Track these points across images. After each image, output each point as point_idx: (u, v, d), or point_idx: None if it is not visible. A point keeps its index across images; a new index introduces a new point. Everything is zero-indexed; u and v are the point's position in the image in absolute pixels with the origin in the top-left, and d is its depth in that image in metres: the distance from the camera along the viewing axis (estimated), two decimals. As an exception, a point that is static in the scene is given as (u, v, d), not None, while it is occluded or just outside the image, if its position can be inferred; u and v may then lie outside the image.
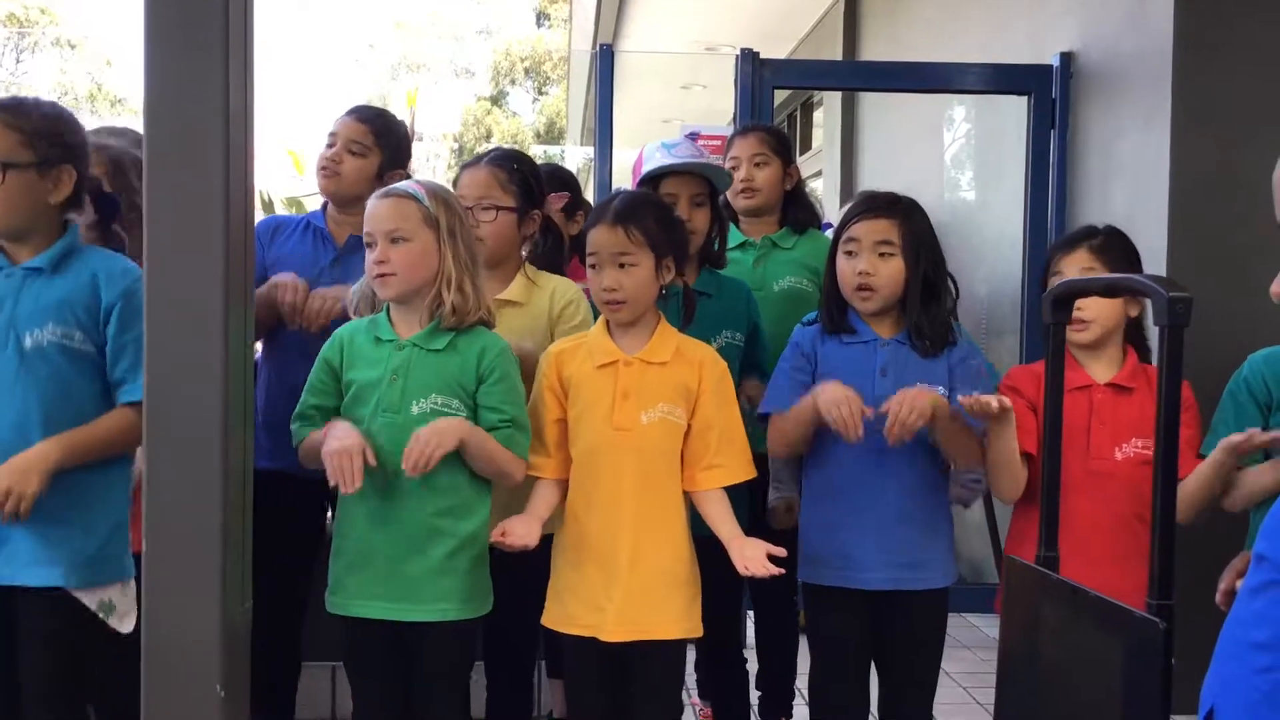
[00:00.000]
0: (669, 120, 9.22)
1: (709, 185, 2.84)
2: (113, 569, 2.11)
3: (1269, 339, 2.46)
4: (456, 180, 2.73)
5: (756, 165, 3.19)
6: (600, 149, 5.03)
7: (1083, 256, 2.52)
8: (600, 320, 2.44)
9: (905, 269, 2.48)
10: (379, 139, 2.82)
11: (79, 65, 28.39)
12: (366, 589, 2.28)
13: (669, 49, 9.17)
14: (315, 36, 31.54)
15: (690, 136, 4.88)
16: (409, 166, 2.93)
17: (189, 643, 1.65)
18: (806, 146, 9.06)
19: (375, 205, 2.33)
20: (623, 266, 2.34)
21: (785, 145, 3.29)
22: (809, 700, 2.61)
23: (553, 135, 27.02)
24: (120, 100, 27.42)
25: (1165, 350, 1.74)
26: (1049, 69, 4.49)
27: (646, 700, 2.36)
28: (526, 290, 2.65)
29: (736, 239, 3.16)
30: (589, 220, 2.49)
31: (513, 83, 30.71)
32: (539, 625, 2.42)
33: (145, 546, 1.65)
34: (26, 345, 2.03)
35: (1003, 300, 5.06)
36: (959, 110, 5.90)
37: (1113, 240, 2.57)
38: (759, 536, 2.59)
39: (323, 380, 2.35)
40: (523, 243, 2.72)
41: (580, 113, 13.38)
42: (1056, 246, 2.66)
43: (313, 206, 3.00)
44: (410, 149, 2.97)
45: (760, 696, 3.22)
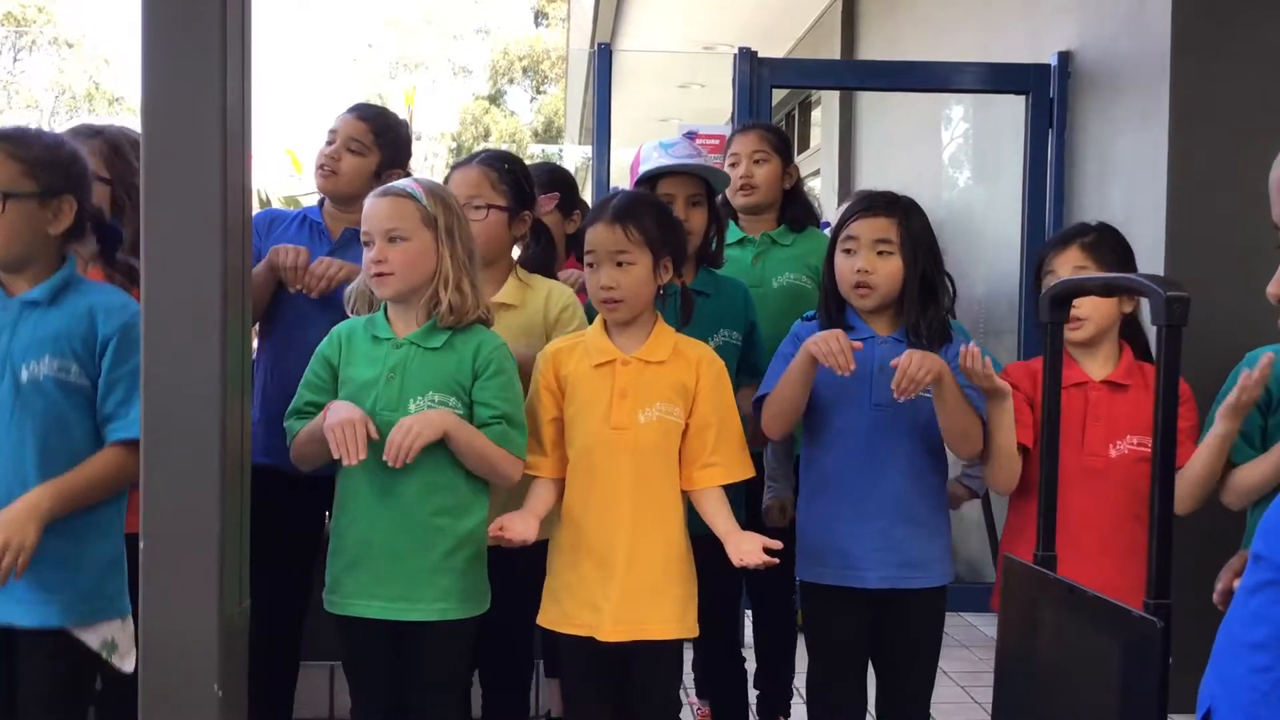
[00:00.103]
0: (667, 119, 9.21)
1: (706, 185, 2.83)
2: (111, 605, 2.09)
3: (1266, 338, 2.46)
4: (447, 180, 2.71)
5: (756, 163, 3.19)
6: (598, 148, 5.03)
7: (1075, 255, 2.52)
8: (598, 319, 2.43)
9: (903, 267, 2.49)
10: (379, 138, 2.81)
11: (76, 65, 28.38)
12: (364, 588, 2.27)
13: (667, 48, 9.17)
14: (313, 35, 31.55)
15: (688, 136, 4.88)
16: (409, 165, 2.92)
17: (186, 642, 1.65)
18: (804, 145, 9.06)
19: (373, 204, 2.32)
20: (620, 265, 2.34)
21: (785, 143, 3.29)
22: (807, 699, 2.61)
23: (551, 134, 27.03)
24: (118, 99, 27.41)
25: (1163, 350, 1.74)
26: (1047, 68, 4.49)
27: (644, 700, 2.36)
28: (520, 293, 2.64)
29: (735, 235, 3.17)
30: (587, 219, 2.49)
31: (511, 82, 30.72)
32: (535, 625, 2.42)
33: (143, 545, 1.65)
34: (23, 379, 2.02)
35: (1000, 299, 5.06)
36: (957, 109, 5.91)
37: (1105, 237, 2.58)
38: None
39: (319, 376, 2.34)
40: (513, 243, 2.71)
41: (578, 112, 13.39)
42: (1049, 245, 2.67)
43: (309, 206, 2.99)
44: (410, 149, 2.96)
45: (758, 695, 3.22)
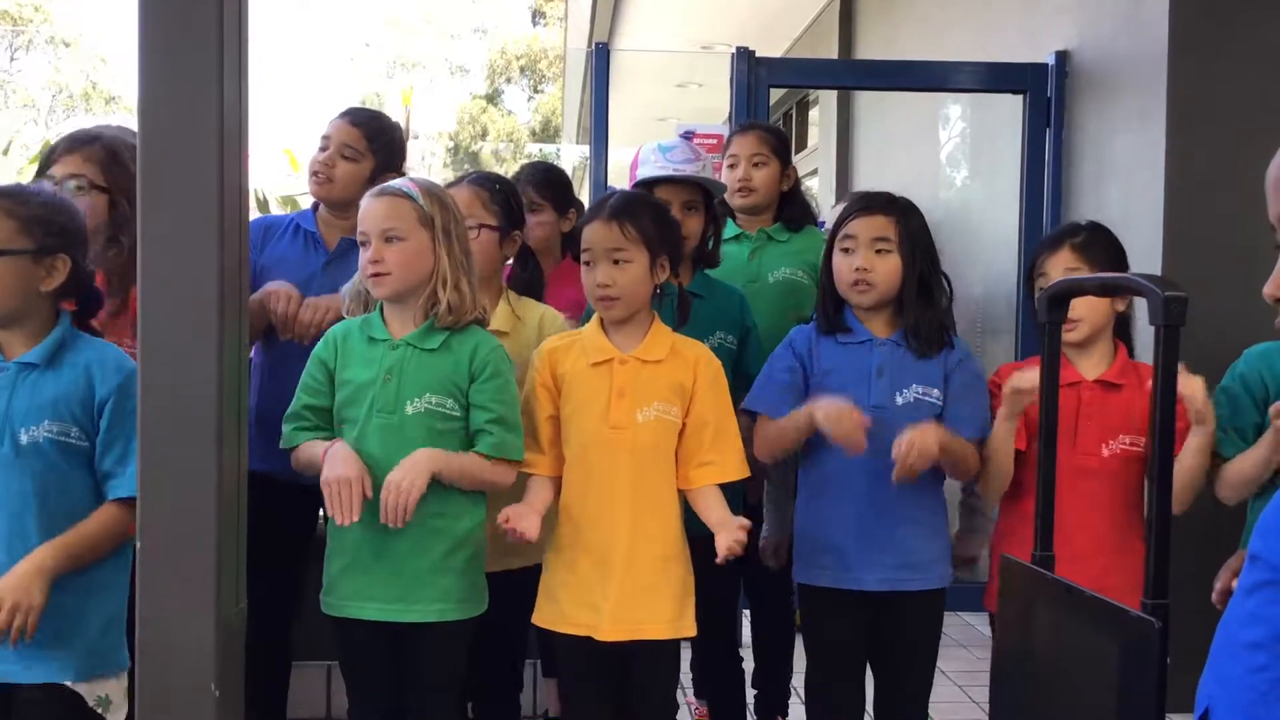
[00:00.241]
0: (664, 119, 9.21)
1: (702, 190, 2.83)
2: (109, 661, 2.09)
3: (1263, 338, 2.46)
4: None
5: (755, 165, 3.18)
6: (596, 147, 5.02)
7: (1067, 256, 2.53)
8: (594, 318, 2.43)
9: (902, 266, 2.48)
10: (372, 143, 2.79)
11: (73, 64, 28.35)
12: (362, 590, 2.27)
13: (664, 47, 9.17)
14: (311, 35, 31.51)
15: (685, 135, 4.88)
16: (403, 168, 2.90)
17: (184, 643, 1.65)
18: (802, 145, 9.05)
19: (369, 204, 2.31)
20: (617, 263, 2.34)
21: (784, 145, 3.28)
22: (805, 700, 2.61)
23: (548, 134, 27.02)
24: (115, 98, 27.37)
25: (1161, 350, 1.74)
26: (1044, 68, 4.49)
27: (642, 699, 2.36)
28: (510, 319, 2.62)
29: (732, 231, 3.16)
30: (584, 217, 2.49)
31: (508, 81, 30.70)
32: (529, 624, 2.41)
33: (140, 547, 1.65)
34: (22, 441, 2.03)
35: (998, 299, 5.06)
36: (954, 109, 5.91)
37: (1096, 237, 2.58)
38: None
39: (316, 380, 2.32)
40: (504, 263, 2.71)
41: (576, 111, 13.39)
42: (1040, 247, 2.67)
43: (308, 205, 2.98)
44: (404, 152, 2.94)
45: (756, 695, 3.22)
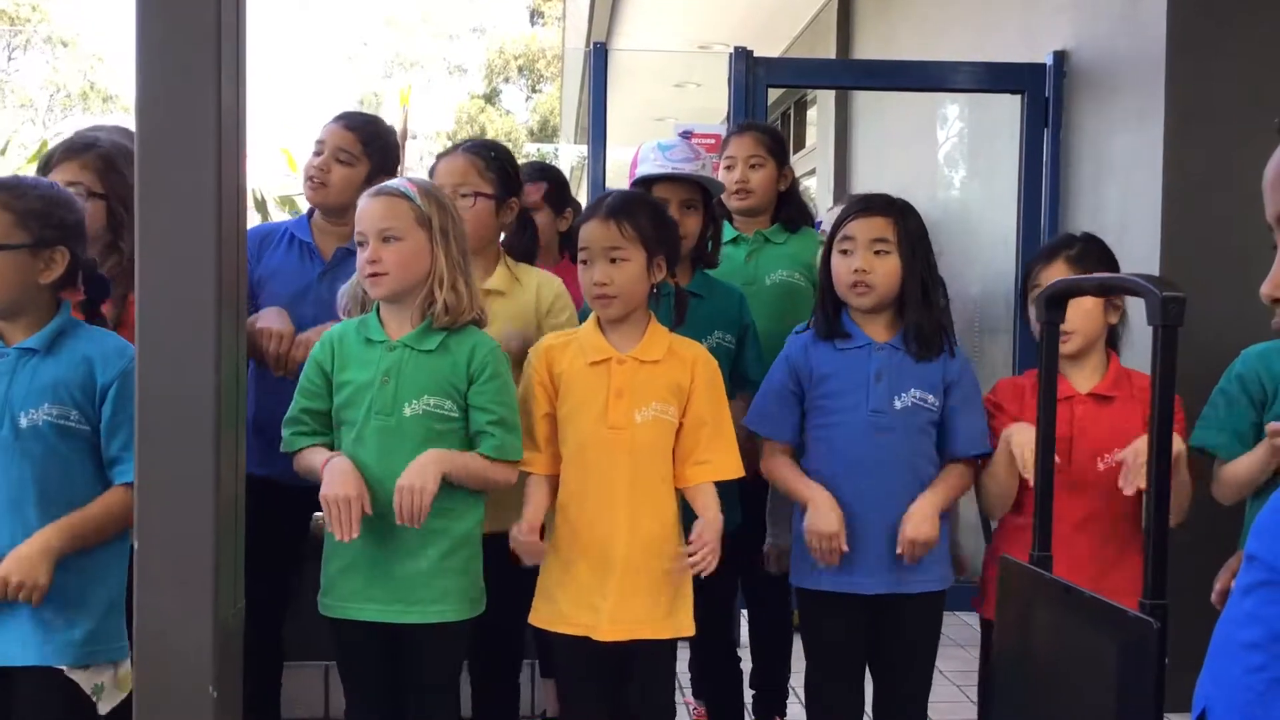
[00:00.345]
0: (663, 119, 9.21)
1: (701, 189, 2.82)
2: (108, 649, 2.10)
3: (1261, 337, 2.47)
4: (433, 169, 2.70)
5: (752, 167, 3.17)
6: (594, 147, 5.02)
7: (1061, 268, 2.53)
8: (591, 318, 2.43)
9: (901, 267, 2.48)
10: (367, 147, 2.78)
11: (71, 63, 28.32)
12: (360, 591, 2.27)
13: (663, 47, 9.16)
14: (308, 34, 31.51)
15: (684, 135, 4.87)
16: (399, 170, 2.90)
17: (182, 644, 1.64)
18: (800, 145, 9.05)
19: (367, 204, 2.31)
20: (614, 262, 2.34)
21: (781, 146, 3.27)
22: (805, 701, 2.61)
23: (546, 133, 27.00)
24: (112, 97, 27.35)
25: (1159, 350, 1.74)
26: (1042, 68, 4.49)
27: (640, 699, 2.36)
28: (509, 281, 2.64)
29: (729, 234, 3.16)
30: (582, 216, 2.49)
31: (506, 81, 30.71)
32: (525, 623, 2.41)
33: (137, 548, 1.65)
34: (21, 424, 2.05)
35: (996, 299, 5.06)
36: (952, 109, 5.91)
37: (1090, 248, 2.58)
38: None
39: (314, 383, 2.32)
40: (501, 231, 2.70)
41: (574, 111, 13.38)
42: (1035, 259, 2.67)
43: (306, 205, 2.97)
44: (399, 155, 2.93)
45: (754, 695, 3.22)
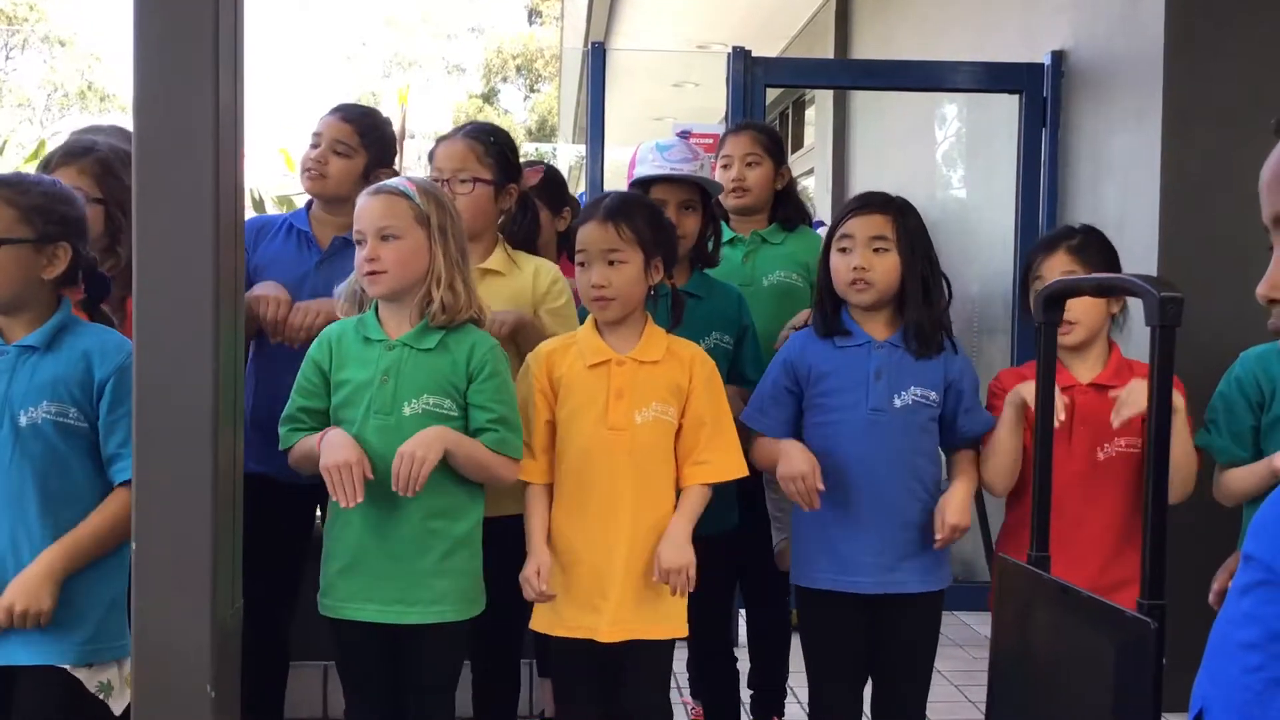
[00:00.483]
0: (661, 118, 9.22)
1: (699, 189, 2.82)
2: (111, 648, 2.10)
3: (1259, 338, 2.47)
4: (432, 153, 2.68)
5: (749, 165, 3.17)
6: (592, 147, 5.02)
7: (1062, 259, 2.53)
8: (589, 320, 2.43)
9: (901, 264, 2.48)
10: (364, 138, 2.78)
11: (68, 63, 28.30)
12: (360, 592, 2.26)
13: (661, 47, 9.17)
14: (307, 34, 31.50)
15: (682, 135, 4.88)
16: (399, 164, 2.89)
17: (180, 644, 1.64)
18: (798, 144, 9.06)
19: (366, 202, 2.31)
20: (612, 264, 2.34)
21: (778, 145, 3.27)
22: (807, 701, 2.61)
23: (545, 133, 26.99)
24: (109, 96, 27.32)
25: (1156, 350, 1.74)
26: (1040, 67, 4.50)
27: (638, 699, 2.36)
28: (506, 264, 2.64)
29: (726, 235, 3.16)
30: (579, 218, 2.49)
31: (504, 80, 30.71)
32: (525, 623, 2.41)
33: (135, 547, 1.64)
34: (21, 423, 2.05)
35: (994, 299, 5.07)
36: (950, 109, 5.91)
37: (1090, 239, 2.59)
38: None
39: (311, 382, 2.32)
40: (499, 216, 2.70)
41: (572, 110, 13.38)
42: (1035, 249, 2.67)
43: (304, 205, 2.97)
44: (395, 146, 2.93)
45: (751, 695, 3.22)
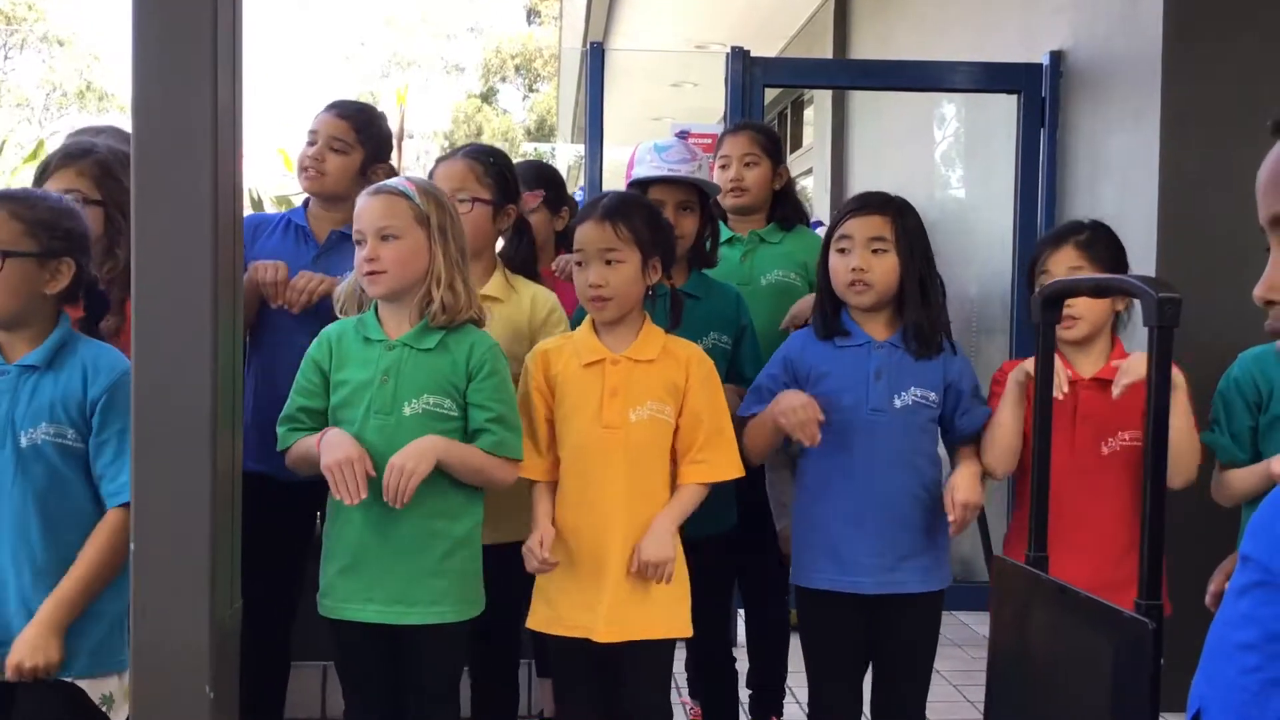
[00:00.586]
0: (659, 118, 9.22)
1: (697, 190, 2.82)
2: (115, 660, 2.10)
3: (1257, 338, 2.47)
4: (432, 174, 2.70)
5: (747, 165, 3.17)
6: (591, 146, 5.02)
7: (1070, 254, 2.53)
8: (586, 319, 2.43)
9: (899, 265, 2.48)
10: (360, 135, 2.79)
11: (67, 62, 28.29)
12: (359, 592, 2.26)
13: (659, 47, 9.17)
14: (306, 34, 31.50)
15: (680, 135, 4.88)
16: (398, 164, 2.90)
17: (178, 644, 1.64)
18: (797, 144, 9.06)
19: (365, 202, 2.31)
20: (609, 263, 2.34)
21: (776, 145, 3.27)
22: (807, 701, 2.61)
23: (543, 132, 27.01)
24: (108, 95, 27.31)
25: (1154, 350, 1.75)
26: (1039, 68, 4.50)
27: (636, 699, 2.36)
28: (505, 289, 2.64)
29: (724, 234, 3.16)
30: (577, 218, 2.49)
31: (503, 80, 30.73)
32: (523, 624, 2.41)
33: (134, 548, 1.64)
34: (23, 444, 2.05)
35: (993, 299, 5.07)
36: (949, 109, 5.91)
37: (1098, 235, 2.59)
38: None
39: (311, 381, 2.31)
40: (498, 237, 2.70)
41: (571, 110, 13.37)
42: (1043, 243, 2.68)
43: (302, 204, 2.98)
44: (391, 142, 2.94)
45: (750, 695, 3.22)
